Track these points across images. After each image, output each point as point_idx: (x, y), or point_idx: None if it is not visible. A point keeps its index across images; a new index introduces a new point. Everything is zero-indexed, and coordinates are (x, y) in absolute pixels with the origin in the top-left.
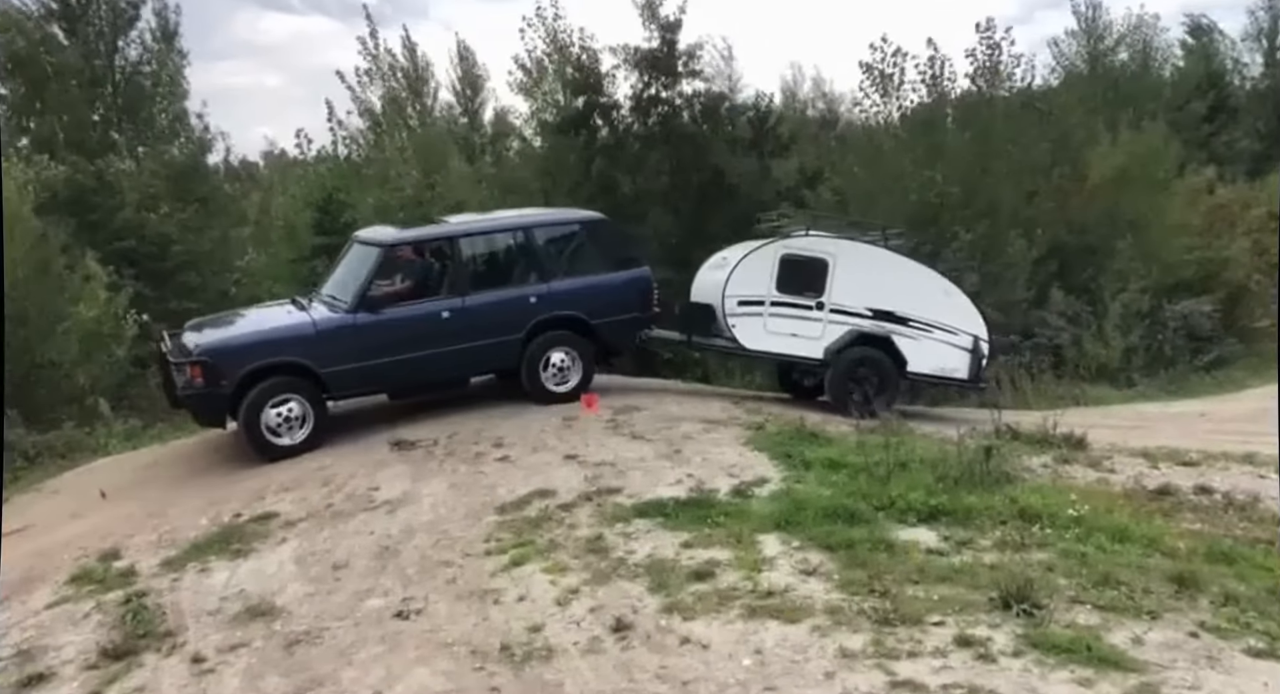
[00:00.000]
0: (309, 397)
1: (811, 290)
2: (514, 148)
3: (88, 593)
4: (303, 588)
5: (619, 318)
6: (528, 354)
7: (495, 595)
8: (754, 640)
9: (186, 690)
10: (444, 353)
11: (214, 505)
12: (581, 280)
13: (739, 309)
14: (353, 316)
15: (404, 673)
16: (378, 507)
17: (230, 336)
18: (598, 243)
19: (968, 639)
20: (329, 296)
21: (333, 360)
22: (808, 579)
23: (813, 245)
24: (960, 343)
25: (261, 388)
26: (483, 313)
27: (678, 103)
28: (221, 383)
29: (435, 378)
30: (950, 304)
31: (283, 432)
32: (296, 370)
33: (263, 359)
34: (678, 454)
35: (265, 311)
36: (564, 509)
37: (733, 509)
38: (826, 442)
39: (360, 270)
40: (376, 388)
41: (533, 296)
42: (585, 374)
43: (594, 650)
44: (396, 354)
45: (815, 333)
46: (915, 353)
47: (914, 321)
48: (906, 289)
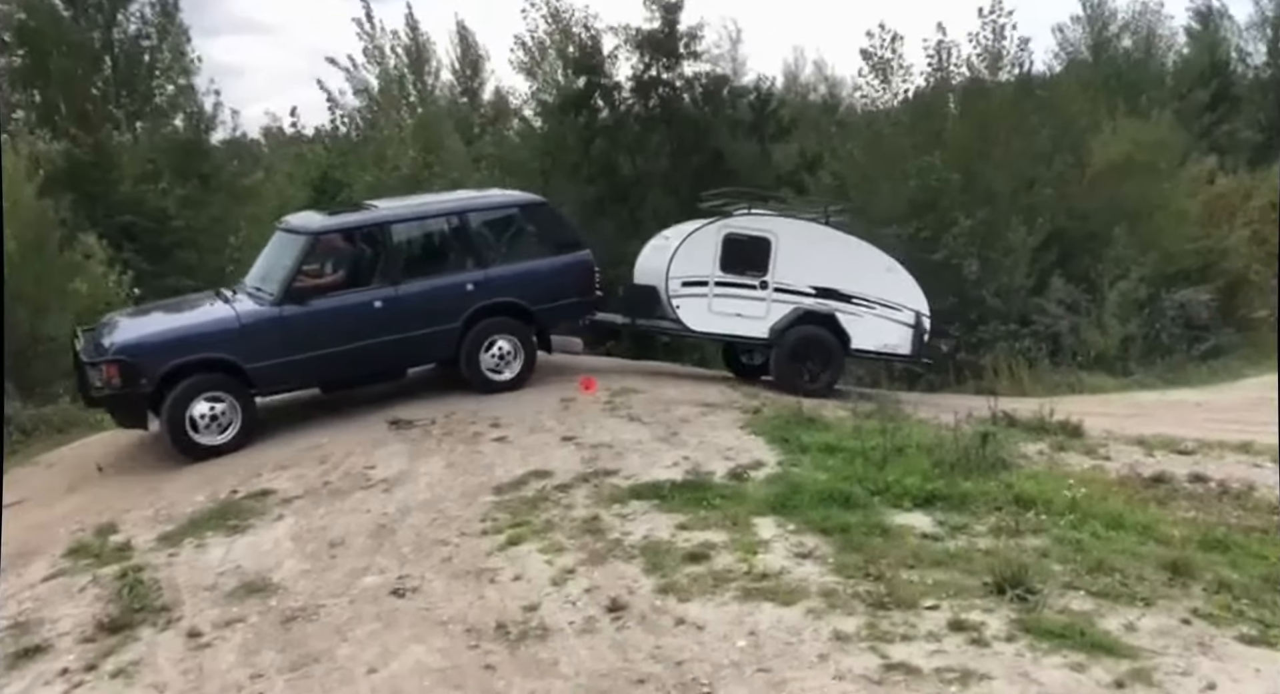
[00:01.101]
0: (235, 394)
1: (755, 269)
2: (514, 128)
3: (84, 567)
4: (299, 565)
5: (560, 303)
6: (466, 343)
7: (491, 574)
8: (749, 622)
9: (183, 665)
10: (377, 344)
11: (210, 482)
12: (520, 265)
13: (683, 290)
14: (279, 309)
15: (399, 650)
16: (374, 485)
17: (148, 333)
18: (536, 226)
19: (961, 623)
20: (254, 288)
21: (259, 355)
22: (803, 562)
23: (755, 224)
24: (903, 319)
25: (184, 386)
26: (417, 302)
27: (679, 85)
28: (140, 382)
29: (369, 370)
30: (892, 280)
31: (209, 431)
32: (221, 367)
33: (184, 356)
34: (675, 437)
35: (187, 305)
36: (561, 490)
37: (729, 492)
38: (823, 426)
39: (286, 260)
40: (307, 382)
41: (469, 283)
42: (527, 362)
43: (589, 630)
44: (327, 347)
45: (760, 312)
46: (859, 330)
47: (857, 298)
48: (849, 266)
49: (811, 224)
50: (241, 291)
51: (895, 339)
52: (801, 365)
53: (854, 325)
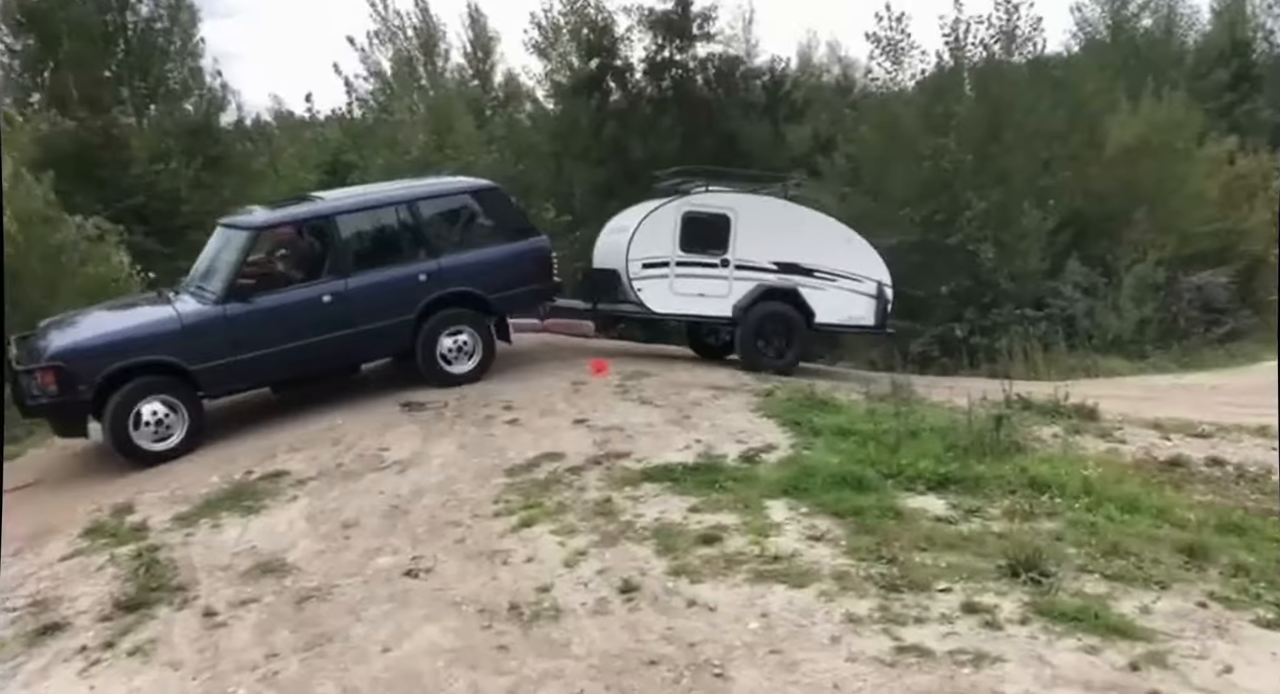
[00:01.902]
0: (181, 397)
1: (715, 248)
2: (526, 110)
3: (101, 546)
4: (313, 545)
5: (517, 290)
6: (422, 336)
7: (504, 556)
8: (761, 604)
9: (198, 643)
10: (328, 340)
11: (225, 463)
12: (475, 254)
13: (644, 272)
14: (222, 307)
15: (413, 630)
16: (387, 467)
17: (84, 337)
18: (490, 213)
19: (975, 606)
20: (196, 287)
21: (204, 356)
22: (815, 545)
23: (713, 201)
24: (865, 290)
25: (125, 391)
26: (368, 295)
27: (691, 66)
28: (78, 388)
29: (321, 367)
30: (852, 251)
31: (154, 436)
32: (164, 369)
33: (123, 360)
34: (686, 420)
35: (126, 307)
36: (573, 472)
37: (741, 475)
38: (836, 409)
39: (228, 257)
40: (257, 382)
41: (422, 274)
42: (486, 353)
43: (601, 611)
44: (275, 345)
45: (722, 291)
46: (822, 303)
47: (818, 272)
48: (808, 240)
49: (769, 199)
50: (184, 291)
51: (859, 311)
52: (766, 343)
53: (817, 299)
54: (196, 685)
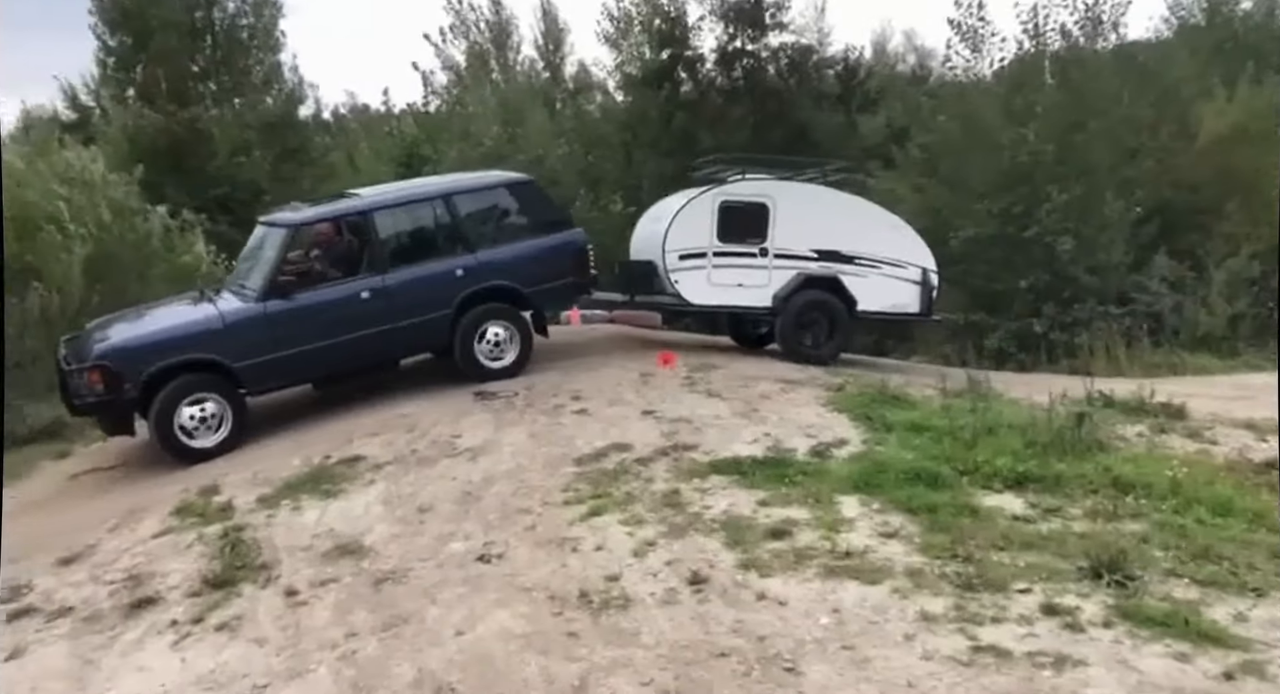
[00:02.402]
0: (224, 394)
1: (754, 237)
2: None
3: (190, 525)
4: (389, 529)
5: (554, 284)
6: (460, 330)
7: (573, 544)
8: (832, 599)
9: (281, 621)
10: (367, 336)
11: (304, 447)
12: (510, 248)
13: (680, 264)
14: (263, 305)
15: (485, 614)
16: (460, 453)
17: (129, 337)
18: (525, 206)
19: (1055, 607)
20: (238, 285)
21: (246, 353)
22: (888, 541)
23: (751, 189)
24: (909, 276)
25: (170, 389)
26: (406, 290)
27: (763, 56)
28: (124, 387)
29: (361, 364)
30: (895, 237)
31: (199, 433)
32: (207, 367)
33: (167, 358)
34: (755, 413)
35: (170, 307)
36: (641, 463)
37: (811, 469)
38: (909, 404)
39: (268, 255)
40: (297, 379)
41: (459, 269)
42: (524, 347)
43: (670, 602)
44: (315, 341)
45: (761, 281)
46: (864, 291)
47: (860, 259)
48: (850, 226)
49: (809, 185)
50: (227, 289)
51: (904, 298)
52: (808, 332)
53: (859, 287)
54: (280, 662)
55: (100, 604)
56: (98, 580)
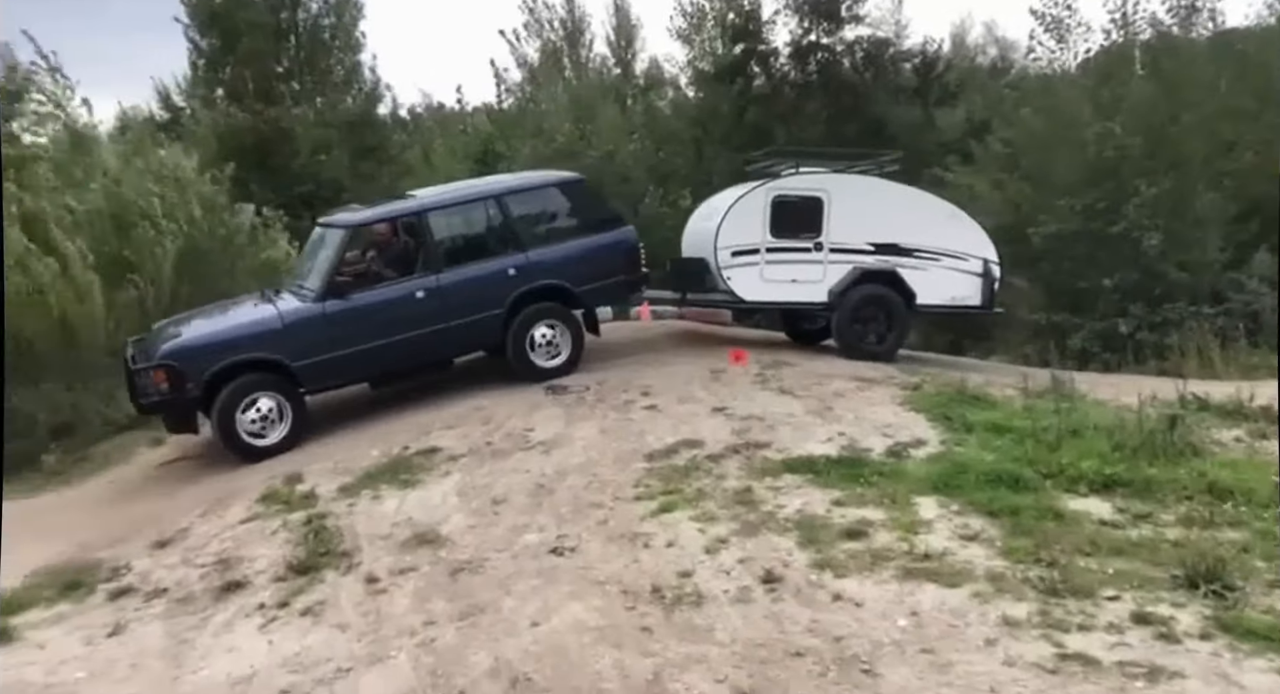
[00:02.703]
0: (284, 393)
1: (808, 231)
2: (667, 97)
3: (275, 512)
4: (465, 519)
5: (606, 283)
6: (512, 330)
7: (645, 539)
8: (910, 602)
9: (362, 607)
10: (422, 335)
11: (383, 438)
12: (562, 246)
13: (733, 260)
14: (321, 305)
15: (559, 606)
16: (533, 447)
17: (192, 337)
18: (576, 205)
19: (1147, 617)
20: (297, 285)
21: (304, 353)
22: (968, 544)
23: (804, 183)
24: (970, 268)
25: (231, 388)
26: (459, 290)
27: (839, 49)
28: (187, 386)
29: (415, 362)
30: (955, 229)
31: (260, 431)
32: (267, 366)
33: (228, 358)
34: (829, 411)
35: (232, 307)
36: (712, 460)
37: (887, 469)
38: (989, 404)
39: (326, 255)
40: (354, 377)
41: (511, 268)
42: (575, 346)
43: (744, 600)
44: (371, 341)
45: (816, 276)
46: (923, 284)
47: (919, 251)
48: (908, 218)
49: (865, 177)
50: (286, 290)
51: (964, 291)
52: (865, 328)
53: (918, 280)
54: (361, 647)
55: (192, 586)
56: (189, 563)
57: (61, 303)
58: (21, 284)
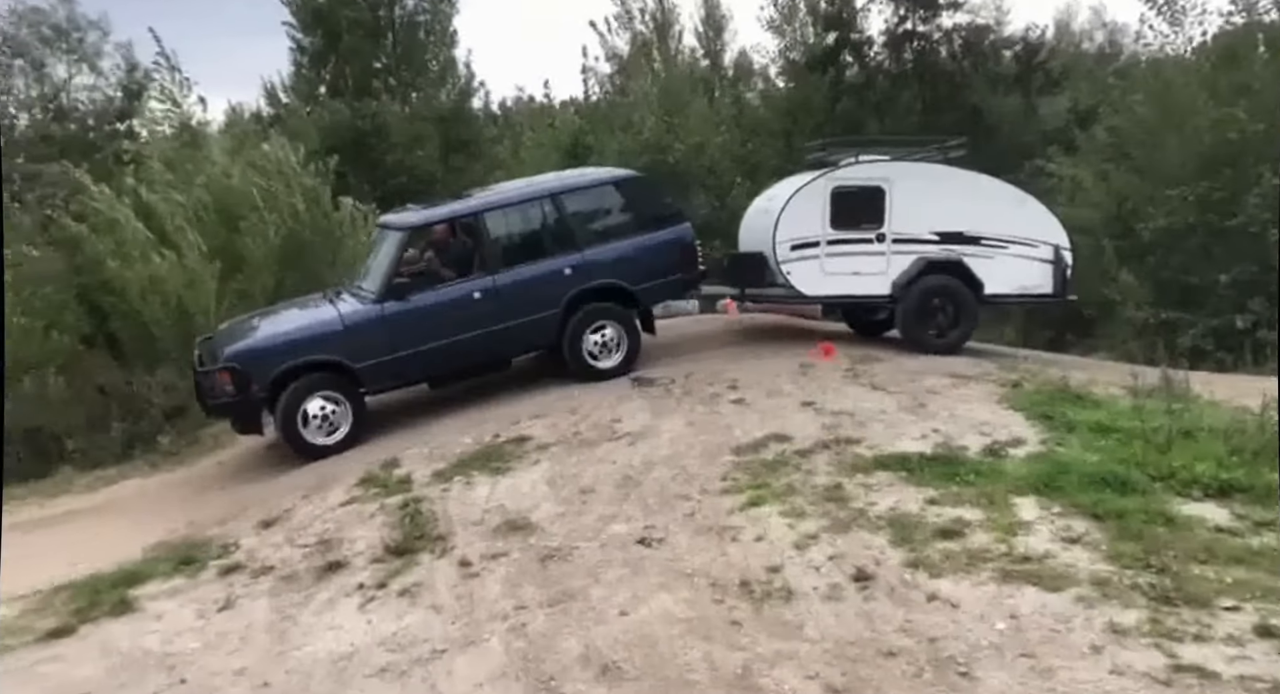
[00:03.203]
0: (345, 393)
1: (869, 222)
2: (757, 88)
3: (373, 495)
4: (554, 508)
5: (662, 280)
6: (568, 329)
7: (733, 533)
8: (1009, 604)
9: (456, 590)
10: (479, 336)
11: (475, 426)
12: (618, 244)
13: (792, 254)
14: (380, 306)
15: (648, 597)
16: (620, 438)
17: (256, 339)
18: (632, 202)
19: (1271, 630)
20: (358, 287)
21: (365, 354)
22: (1070, 547)
23: (865, 173)
24: (1041, 255)
25: (294, 389)
26: (516, 290)
27: (936, 37)
28: (252, 388)
29: (473, 362)
30: (1024, 214)
31: (321, 431)
32: (329, 367)
33: (292, 359)
34: (922, 408)
35: (296, 309)
36: (801, 455)
37: (984, 468)
38: (1094, 403)
39: (384, 257)
40: (413, 378)
41: (567, 267)
42: (632, 346)
43: (834, 597)
44: (430, 341)
45: (879, 268)
46: (992, 273)
47: (986, 239)
48: (974, 205)
49: (928, 165)
50: (348, 292)
51: (1035, 279)
52: (931, 320)
53: (985, 269)
54: (455, 629)
55: (296, 565)
56: (293, 543)
57: (177, 291)
58: (141, 273)
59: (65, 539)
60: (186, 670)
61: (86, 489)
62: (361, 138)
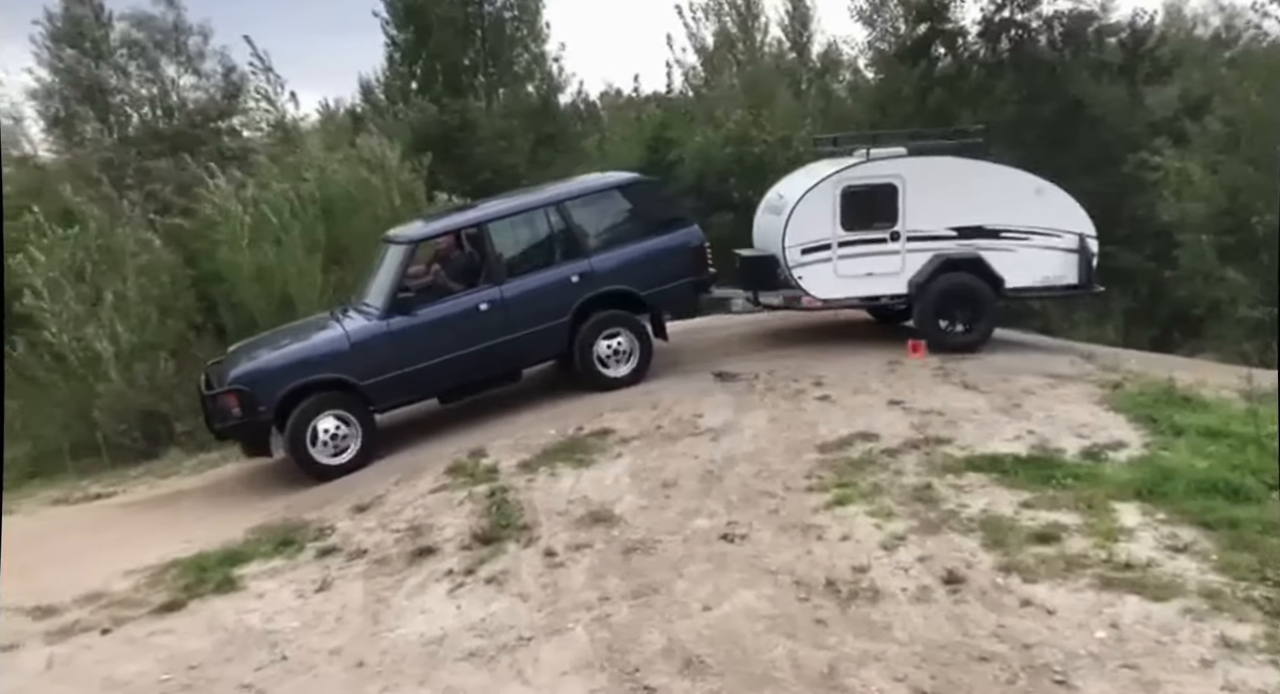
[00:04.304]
0: (353, 412)
1: (883, 221)
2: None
3: (461, 483)
4: (636, 501)
5: (672, 285)
6: (579, 338)
7: (818, 531)
8: (1109, 613)
9: (541, 579)
10: (488, 348)
11: (559, 418)
12: (626, 250)
13: (803, 258)
14: (386, 322)
15: (730, 592)
16: (702, 433)
17: (262, 361)
18: (639, 207)
19: None
20: (364, 304)
21: (372, 371)
22: (1176, 556)
23: (876, 171)
24: (1064, 245)
25: (302, 409)
26: (523, 300)
27: (1034, 26)
28: (259, 409)
29: (482, 375)
30: (1045, 204)
31: (330, 450)
32: (336, 386)
33: (298, 379)
34: (1016, 408)
35: (302, 328)
36: (888, 454)
37: (1082, 472)
38: (1202, 406)
39: (388, 272)
40: (422, 393)
41: (574, 275)
42: (644, 353)
43: (923, 599)
44: (437, 356)
45: (894, 267)
46: (1012, 267)
47: (1006, 232)
48: (991, 197)
49: (942, 158)
50: (353, 308)
51: (1057, 269)
52: (950, 318)
53: (1006, 263)
54: (541, 617)
55: (388, 549)
56: (385, 528)
57: (283, 281)
58: (250, 263)
59: (174, 518)
60: (286, 648)
61: (193, 471)
62: (450, 134)
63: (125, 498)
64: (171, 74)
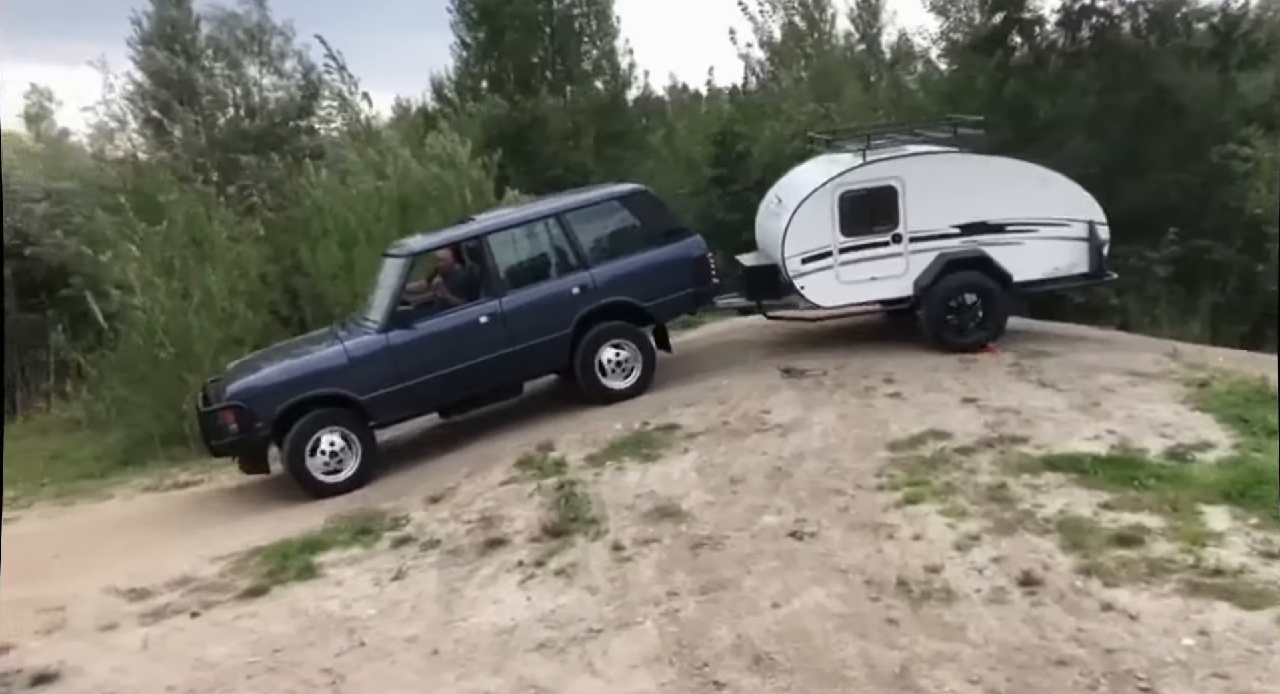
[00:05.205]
0: (353, 427)
1: (883, 223)
2: (914, 72)
3: (530, 476)
4: (703, 496)
5: (675, 295)
6: (580, 350)
7: (889, 530)
8: (1197, 620)
9: (609, 572)
10: (488, 361)
11: (625, 414)
12: (627, 261)
13: (804, 268)
14: (385, 336)
15: (800, 590)
16: (769, 429)
17: (259, 377)
18: (640, 217)
19: None
20: (363, 318)
21: (371, 386)
22: (1270, 563)
23: (874, 174)
24: (1073, 234)
25: (300, 425)
26: (523, 313)
27: (1117, 12)
28: (256, 425)
29: (483, 388)
30: (1051, 193)
31: (330, 467)
32: (335, 402)
33: (295, 395)
34: (1095, 407)
35: (302, 343)
36: (961, 453)
37: (1167, 473)
38: None
39: (387, 286)
40: (423, 407)
41: (575, 287)
42: (646, 365)
43: (998, 601)
44: (438, 369)
45: (897, 270)
46: (1020, 260)
47: (1011, 225)
48: (995, 191)
49: (942, 155)
50: (353, 323)
51: (1067, 259)
52: (958, 318)
53: (1013, 257)
54: (610, 611)
55: (460, 540)
56: (458, 519)
57: (356, 278)
58: (333, 258)
59: (256, 506)
60: (364, 635)
61: (275, 460)
62: (520, 131)
63: (211, 486)
64: (254, 74)
